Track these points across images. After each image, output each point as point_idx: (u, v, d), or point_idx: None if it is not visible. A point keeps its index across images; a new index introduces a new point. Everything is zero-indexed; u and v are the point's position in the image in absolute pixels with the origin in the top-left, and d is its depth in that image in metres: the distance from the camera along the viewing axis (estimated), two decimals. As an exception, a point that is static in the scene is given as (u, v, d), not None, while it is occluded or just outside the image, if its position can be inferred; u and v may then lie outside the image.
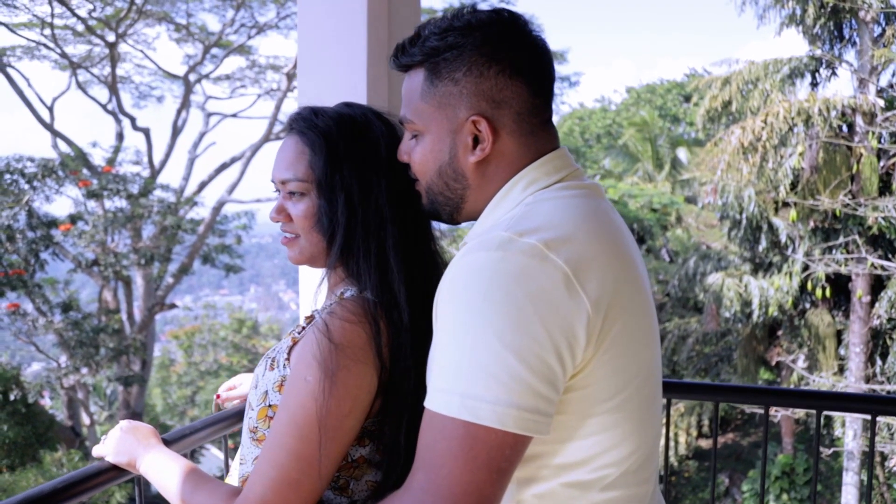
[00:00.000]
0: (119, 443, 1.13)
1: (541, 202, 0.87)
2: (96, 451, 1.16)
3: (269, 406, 0.99)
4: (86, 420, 11.34)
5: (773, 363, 11.13)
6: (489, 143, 0.88)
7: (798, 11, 9.46)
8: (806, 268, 9.93)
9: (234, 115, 13.59)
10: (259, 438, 1.00)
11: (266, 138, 12.15)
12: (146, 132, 11.99)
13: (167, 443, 1.18)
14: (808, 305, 10.42)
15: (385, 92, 1.49)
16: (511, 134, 0.90)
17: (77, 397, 10.80)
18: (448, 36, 0.88)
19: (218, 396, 1.39)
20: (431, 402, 0.80)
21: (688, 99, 17.44)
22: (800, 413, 10.56)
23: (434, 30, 0.90)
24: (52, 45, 11.30)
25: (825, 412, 2.06)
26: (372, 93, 1.47)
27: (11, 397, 8.59)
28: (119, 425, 1.17)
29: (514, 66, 0.88)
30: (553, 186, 0.90)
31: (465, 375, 0.77)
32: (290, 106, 12.24)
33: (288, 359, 0.98)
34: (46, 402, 11.55)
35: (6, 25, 10.68)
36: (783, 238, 10.23)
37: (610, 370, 0.83)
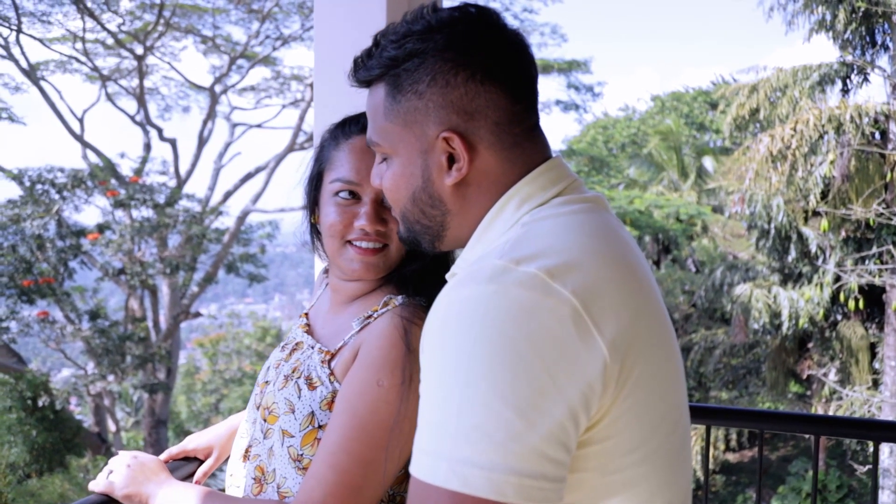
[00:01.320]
0: (128, 479, 1.07)
1: (539, 222, 0.74)
2: (98, 486, 1.08)
3: (319, 427, 0.97)
4: (112, 427, 11.48)
5: (804, 376, 10.86)
6: (465, 162, 0.76)
7: (828, 17, 9.28)
8: (838, 279, 9.68)
9: (259, 126, 13.75)
10: (305, 466, 0.97)
11: (290, 148, 12.26)
12: (173, 143, 12.18)
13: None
14: (839, 317, 10.16)
15: None
16: (490, 148, 0.77)
17: (103, 404, 10.94)
18: (406, 42, 0.77)
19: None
20: (415, 468, 0.66)
21: (714, 107, 17.22)
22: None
23: (392, 37, 0.78)
24: (83, 58, 11.56)
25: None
26: None
27: (40, 403, 8.72)
28: (122, 459, 1.10)
29: (486, 70, 0.76)
30: (551, 202, 0.77)
31: (453, 436, 0.63)
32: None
33: (332, 373, 0.99)
34: (74, 408, 11.73)
35: (41, 40, 10.96)
36: (813, 248, 10.00)
37: (633, 418, 0.70)
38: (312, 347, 1.06)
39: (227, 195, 12.24)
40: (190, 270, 10.66)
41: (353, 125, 1.05)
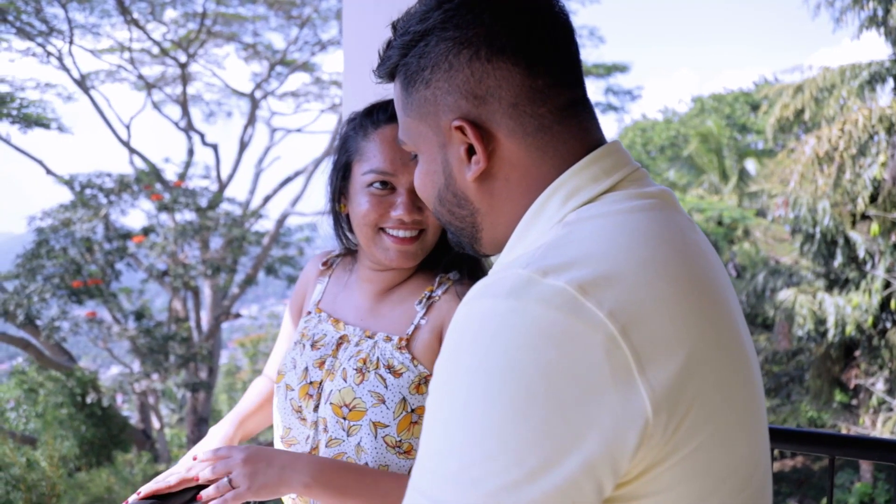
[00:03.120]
0: (256, 477, 0.93)
1: (585, 222, 0.61)
2: (221, 495, 0.93)
3: (413, 411, 1.00)
4: (156, 423, 11.80)
5: (851, 385, 10.49)
6: (482, 153, 0.65)
7: (880, 12, 8.95)
8: (887, 285, 9.33)
9: (298, 130, 13.97)
10: (406, 450, 1.00)
11: (328, 152, 12.41)
12: (215, 148, 12.47)
13: None
14: (889, 325, 9.78)
15: None
16: (512, 135, 0.64)
17: (148, 402, 11.25)
18: (411, 26, 0.67)
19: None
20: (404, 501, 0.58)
21: (755, 108, 16.79)
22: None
23: (402, 22, 0.70)
24: (130, 67, 11.94)
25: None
26: None
27: (89, 400, 9.04)
28: (235, 461, 0.95)
29: (490, 44, 0.63)
30: (604, 198, 0.63)
31: (441, 473, 0.53)
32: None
33: (414, 358, 1.03)
34: (120, 405, 12.10)
35: (91, 51, 11.37)
36: (861, 253, 9.65)
37: (686, 473, 0.55)
38: (372, 338, 1.05)
39: (267, 199, 12.47)
40: (231, 272, 10.89)
41: (380, 113, 1.04)
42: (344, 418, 1.02)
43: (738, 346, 0.60)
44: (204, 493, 0.95)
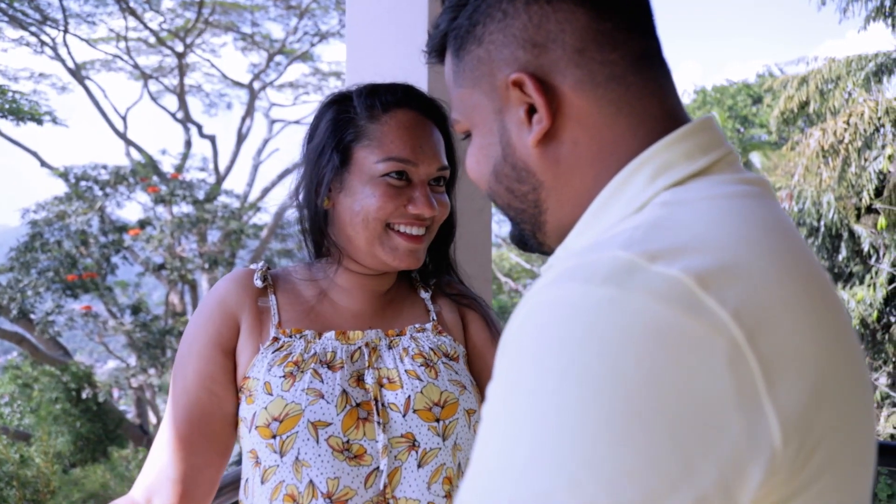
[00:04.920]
0: None
1: (687, 204, 0.50)
2: None
3: (480, 389, 1.00)
4: (153, 419, 11.73)
5: (855, 380, 10.44)
6: (544, 110, 0.54)
7: (887, 3, 8.84)
8: (892, 279, 9.24)
9: (297, 122, 13.84)
10: None
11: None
12: (212, 139, 12.34)
13: None
14: (893, 319, 9.72)
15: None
16: (579, 87, 0.54)
17: (145, 397, 11.17)
18: None
19: None
20: None
21: (758, 100, 16.69)
22: None
23: None
24: (125, 57, 11.79)
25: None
26: (434, 82, 1.27)
27: (84, 395, 8.94)
28: None
29: None
30: (702, 180, 0.52)
31: (507, 500, 0.41)
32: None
33: (455, 338, 1.01)
34: (117, 399, 12.02)
35: (86, 41, 11.21)
36: (866, 247, 9.57)
37: None
38: (402, 334, 0.96)
39: (266, 191, 12.36)
40: (229, 266, 10.78)
41: (388, 94, 0.93)
42: (437, 420, 0.89)
43: (861, 368, 0.49)
44: None
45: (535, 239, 0.62)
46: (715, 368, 0.40)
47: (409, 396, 0.90)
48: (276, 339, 0.93)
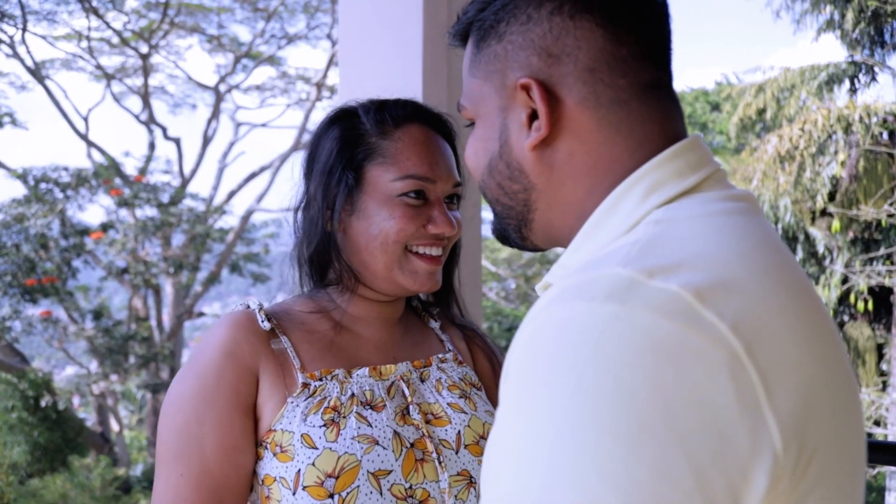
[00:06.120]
0: None
1: (680, 221, 0.52)
2: None
3: None
4: (115, 426, 11.46)
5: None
6: (545, 118, 0.57)
7: (836, 16, 9.22)
8: (846, 279, 9.60)
9: (264, 125, 13.71)
10: None
11: (295, 147, 12.21)
12: (177, 142, 12.15)
13: None
14: (846, 318, 10.09)
15: (444, 85, 1.26)
16: (583, 103, 0.57)
17: (107, 403, 10.92)
18: None
19: None
20: None
21: (717, 107, 17.14)
22: None
23: None
24: (88, 57, 11.54)
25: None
26: (429, 85, 1.22)
27: (43, 403, 8.70)
28: None
29: (577, 0, 0.57)
30: (693, 197, 0.55)
31: None
32: (319, 116, 12.30)
33: (471, 365, 1.00)
34: (77, 407, 11.72)
35: (46, 38, 10.95)
36: (821, 249, 9.93)
37: None
38: (429, 365, 0.92)
39: (231, 194, 12.21)
40: (193, 270, 10.62)
41: (397, 110, 0.89)
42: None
43: (849, 376, 0.52)
44: None
45: (518, 234, 0.64)
46: (717, 379, 0.43)
47: (459, 431, 0.85)
48: (305, 385, 0.83)
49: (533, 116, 0.58)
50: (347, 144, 0.87)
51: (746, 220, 0.54)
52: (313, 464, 0.78)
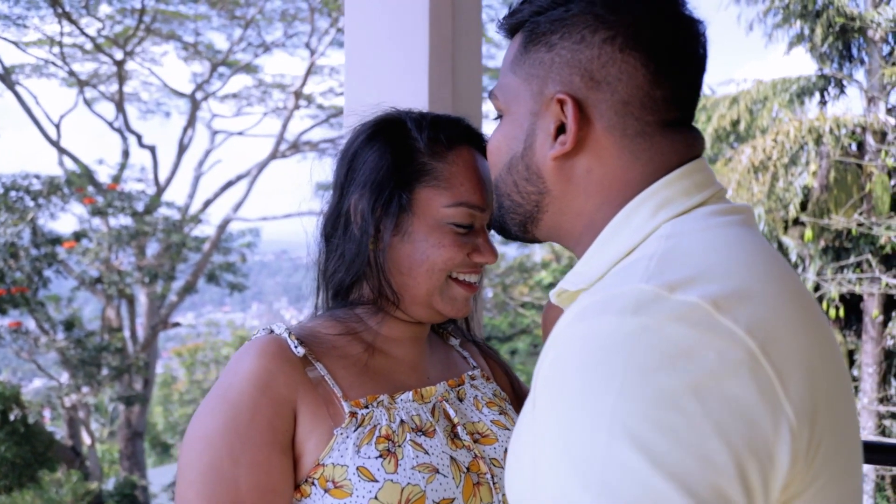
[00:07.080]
0: None
1: (688, 235, 0.58)
2: None
3: None
4: (86, 439, 11.19)
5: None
6: (572, 134, 0.61)
7: (806, 31, 9.46)
8: (817, 287, 9.80)
9: (240, 134, 13.60)
10: None
11: (272, 156, 12.12)
12: (152, 150, 11.98)
13: None
14: (819, 326, 10.31)
15: (449, 100, 1.26)
16: (610, 130, 0.62)
17: (78, 416, 10.66)
18: None
19: None
20: None
21: (693, 118, 17.46)
22: None
23: None
24: (60, 63, 11.33)
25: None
26: (435, 100, 1.21)
27: (11, 417, 8.46)
28: None
29: (630, 36, 0.61)
30: (696, 212, 0.60)
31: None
32: (297, 125, 12.22)
33: (496, 383, 1.00)
34: (48, 420, 11.43)
35: (16, 44, 10.72)
36: (794, 257, 10.13)
37: None
38: (462, 384, 0.90)
39: (207, 203, 12.06)
40: (169, 279, 10.45)
41: (450, 129, 0.85)
42: None
43: (844, 371, 0.57)
44: None
45: (520, 228, 0.69)
46: (740, 375, 0.49)
47: (507, 449, 0.80)
48: (352, 414, 0.78)
49: (560, 129, 0.63)
50: (399, 161, 0.82)
51: (745, 231, 0.60)
52: (375, 497, 0.74)
